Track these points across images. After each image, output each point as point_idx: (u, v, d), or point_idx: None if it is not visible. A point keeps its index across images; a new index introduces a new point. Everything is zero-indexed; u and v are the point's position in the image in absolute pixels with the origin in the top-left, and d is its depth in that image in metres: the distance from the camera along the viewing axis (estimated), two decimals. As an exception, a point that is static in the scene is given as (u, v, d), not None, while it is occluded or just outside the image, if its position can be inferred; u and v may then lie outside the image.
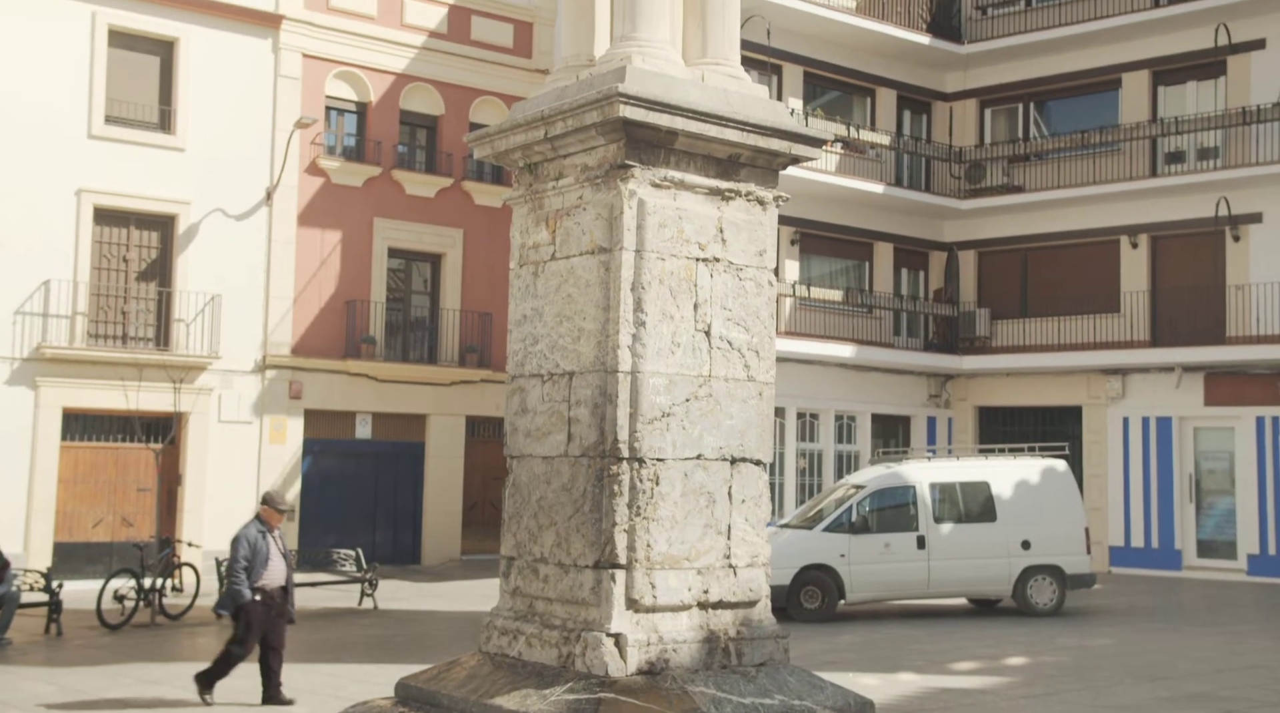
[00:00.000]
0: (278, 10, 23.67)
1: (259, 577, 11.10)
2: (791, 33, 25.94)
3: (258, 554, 11.11)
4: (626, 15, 8.88)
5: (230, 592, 11.14)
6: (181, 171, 22.67)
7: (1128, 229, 26.44)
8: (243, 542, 11.11)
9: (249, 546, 11.10)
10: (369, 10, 24.71)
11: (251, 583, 11.06)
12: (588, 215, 8.54)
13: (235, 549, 11.11)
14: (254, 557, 11.08)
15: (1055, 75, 27.79)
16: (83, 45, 21.93)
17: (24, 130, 21.32)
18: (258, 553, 11.11)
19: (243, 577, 11.01)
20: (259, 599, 11.09)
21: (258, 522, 11.30)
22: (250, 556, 11.07)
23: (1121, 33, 26.48)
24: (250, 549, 11.09)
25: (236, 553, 11.08)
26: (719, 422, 8.53)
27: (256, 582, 11.09)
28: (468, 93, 25.79)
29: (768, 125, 8.84)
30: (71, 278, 21.59)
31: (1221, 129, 25.38)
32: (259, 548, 11.14)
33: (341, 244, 24.37)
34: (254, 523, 11.29)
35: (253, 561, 11.07)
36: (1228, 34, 25.24)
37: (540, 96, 9.22)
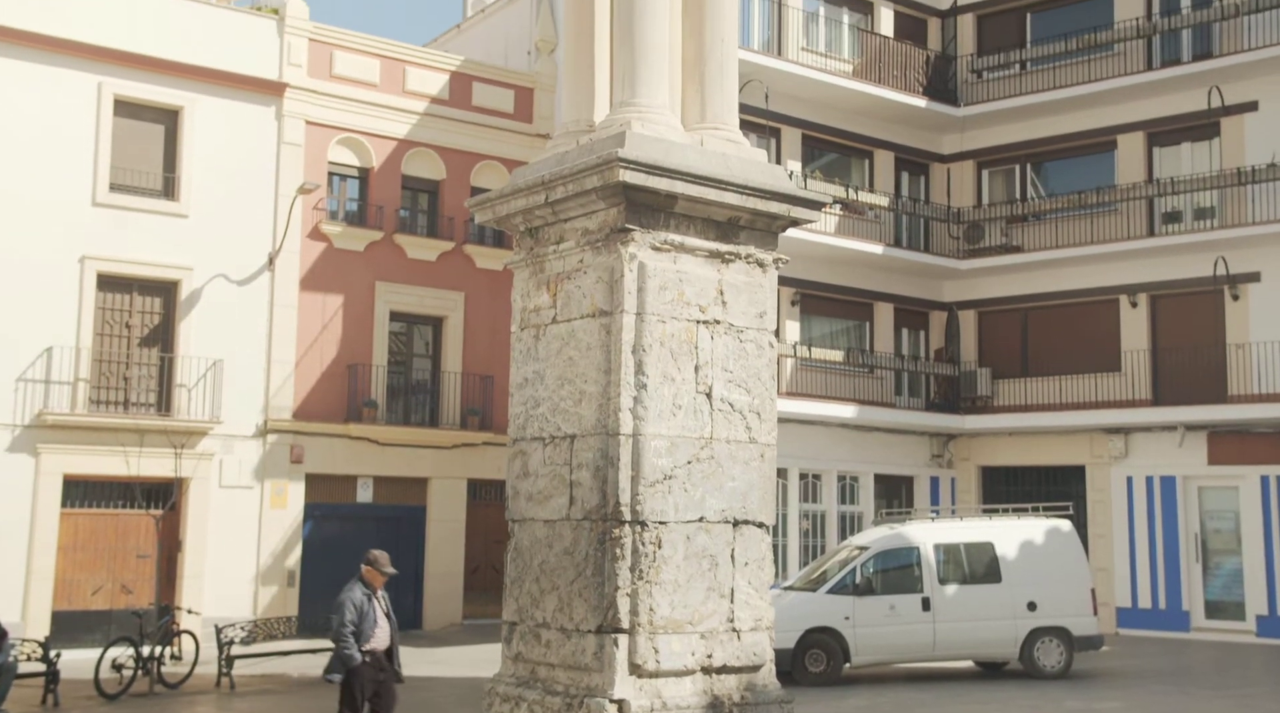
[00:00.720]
0: (281, 78, 23.95)
1: (366, 639, 10.79)
2: (789, 96, 26.21)
3: (364, 617, 10.80)
4: (626, 81, 9.00)
5: (340, 656, 10.77)
6: (184, 238, 22.81)
7: (1127, 288, 26.53)
8: (348, 605, 10.80)
9: (355, 608, 10.78)
10: (371, 78, 25.00)
11: (359, 646, 10.77)
12: (588, 279, 8.58)
13: (341, 613, 10.79)
14: (360, 620, 10.78)
15: (1051, 137, 28.03)
16: (89, 114, 22.16)
17: (29, 198, 21.48)
18: (364, 616, 10.80)
19: (351, 640, 10.68)
20: (368, 662, 10.84)
21: (361, 584, 10.97)
22: (357, 619, 10.77)
23: (1116, 95, 26.76)
24: (357, 612, 10.77)
25: (343, 616, 10.76)
26: (721, 484, 8.51)
27: (364, 644, 10.77)
28: (469, 157, 26.02)
29: (767, 189, 8.92)
30: (74, 344, 21.64)
31: (1217, 189, 25.55)
32: (365, 610, 10.83)
33: (343, 308, 24.44)
34: (357, 585, 10.96)
35: (360, 623, 10.77)
36: (1220, 96, 25.50)
37: (541, 162, 9.31)
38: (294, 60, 24.11)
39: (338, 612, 10.81)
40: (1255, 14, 25.20)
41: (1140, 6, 27.06)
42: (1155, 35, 26.66)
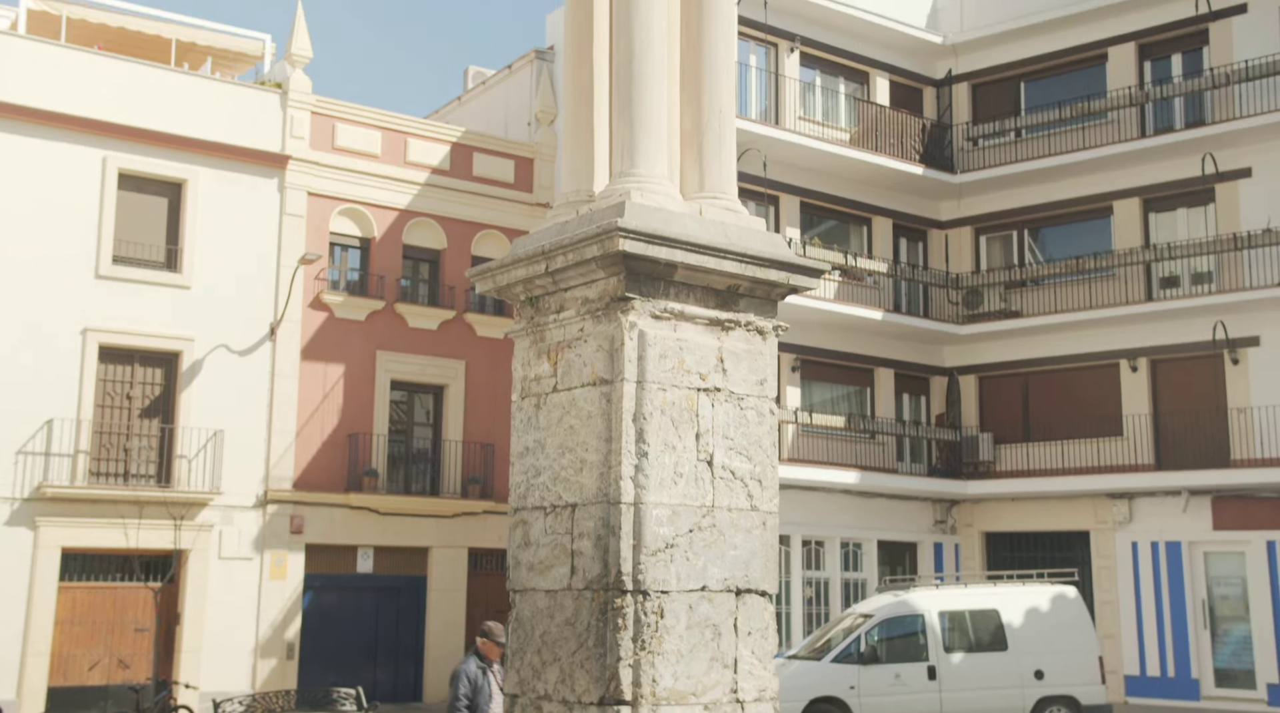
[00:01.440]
0: (284, 151, 24.20)
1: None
2: (787, 164, 26.46)
3: (479, 691, 10.53)
4: (625, 152, 9.08)
5: None
6: (186, 309, 22.91)
7: (1127, 353, 26.56)
8: (462, 678, 10.55)
9: (469, 682, 10.53)
10: (373, 149, 25.25)
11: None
12: (589, 347, 8.60)
13: (455, 686, 10.53)
14: (475, 694, 10.51)
15: (1047, 203, 28.24)
16: (93, 188, 22.36)
17: (33, 270, 21.61)
18: (479, 690, 10.53)
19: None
20: None
21: (476, 657, 10.72)
22: (471, 693, 10.50)
23: (1111, 162, 27.00)
24: (471, 686, 10.51)
25: (457, 690, 10.50)
26: (723, 552, 8.45)
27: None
28: (470, 227, 26.20)
29: (766, 257, 8.96)
30: (75, 416, 21.63)
31: (1214, 254, 25.68)
32: (479, 684, 10.57)
33: (344, 377, 24.47)
34: (472, 658, 10.71)
35: (474, 697, 10.50)
36: (1214, 163, 25.73)
37: (541, 231, 9.37)
38: (297, 133, 24.38)
39: (452, 685, 10.53)
40: (1246, 83, 25.50)
41: (1132, 75, 27.41)
42: (1148, 103, 26.97)
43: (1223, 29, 26.24)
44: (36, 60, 22.17)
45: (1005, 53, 29.12)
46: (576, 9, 10.31)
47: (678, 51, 9.95)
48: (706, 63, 9.64)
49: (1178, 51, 27.22)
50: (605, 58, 10.04)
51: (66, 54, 22.67)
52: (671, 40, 9.89)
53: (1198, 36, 26.72)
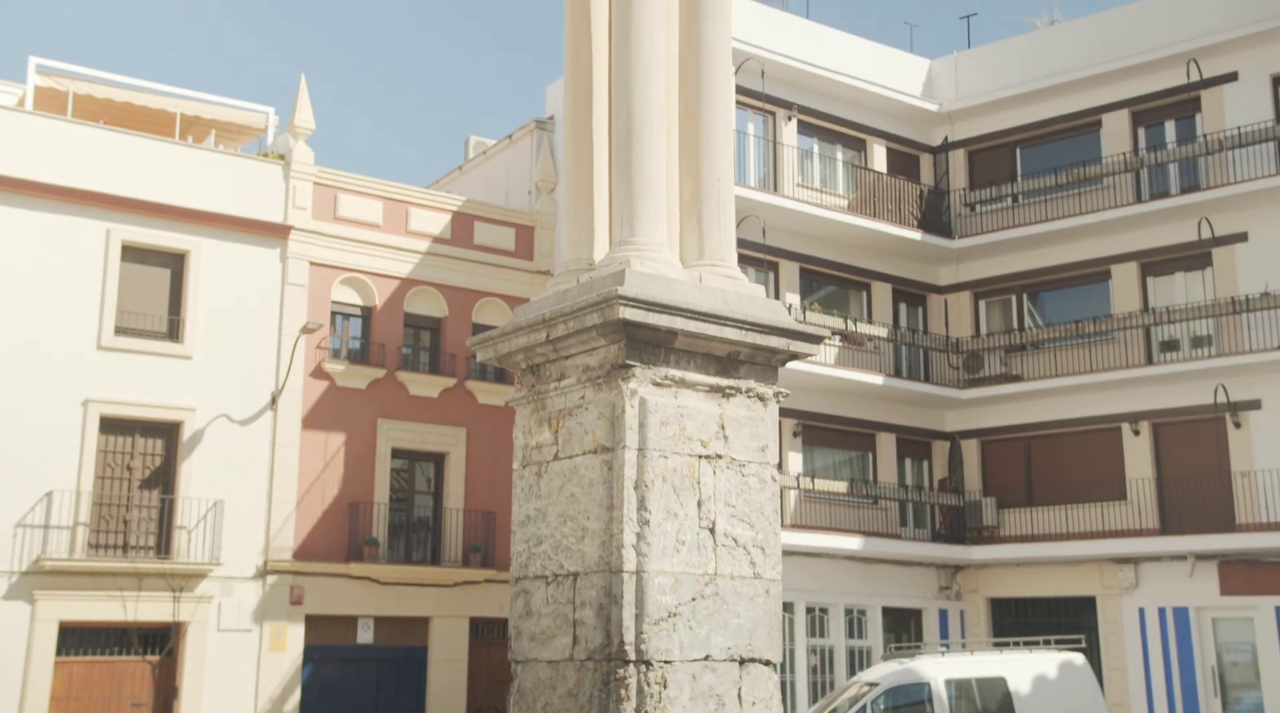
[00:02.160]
0: (286, 221, 24.37)
1: None
2: (786, 231, 26.62)
3: None
4: (625, 220, 9.16)
5: None
6: (188, 379, 22.92)
7: (1128, 417, 26.53)
8: None
9: None
10: (375, 219, 25.42)
11: None
12: (590, 415, 8.60)
13: None
14: None
15: (1046, 268, 28.37)
16: (97, 260, 22.49)
17: (35, 342, 21.66)
18: None
19: None
20: None
21: None
22: None
23: (1107, 227, 27.17)
24: None
25: None
26: (726, 621, 8.39)
27: None
28: (471, 295, 26.29)
29: (765, 323, 9.00)
30: (74, 488, 21.55)
31: (1213, 318, 25.75)
32: None
33: (345, 446, 24.42)
34: None
35: None
36: (1210, 228, 25.89)
37: (542, 300, 9.42)
38: (299, 203, 24.57)
39: None
40: (1239, 149, 25.74)
41: (1127, 142, 27.67)
42: (1143, 169, 27.20)
43: (1214, 96, 26.55)
44: (43, 135, 22.41)
45: (1000, 120, 29.43)
46: (576, 80, 10.46)
47: (676, 121, 10.08)
48: (705, 132, 9.76)
49: (1171, 118, 27.51)
50: (605, 128, 10.16)
51: (72, 128, 22.92)
52: (670, 109, 10.02)
53: (1190, 104, 27.03)
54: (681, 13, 10.36)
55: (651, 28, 9.53)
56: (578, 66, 10.48)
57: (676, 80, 10.22)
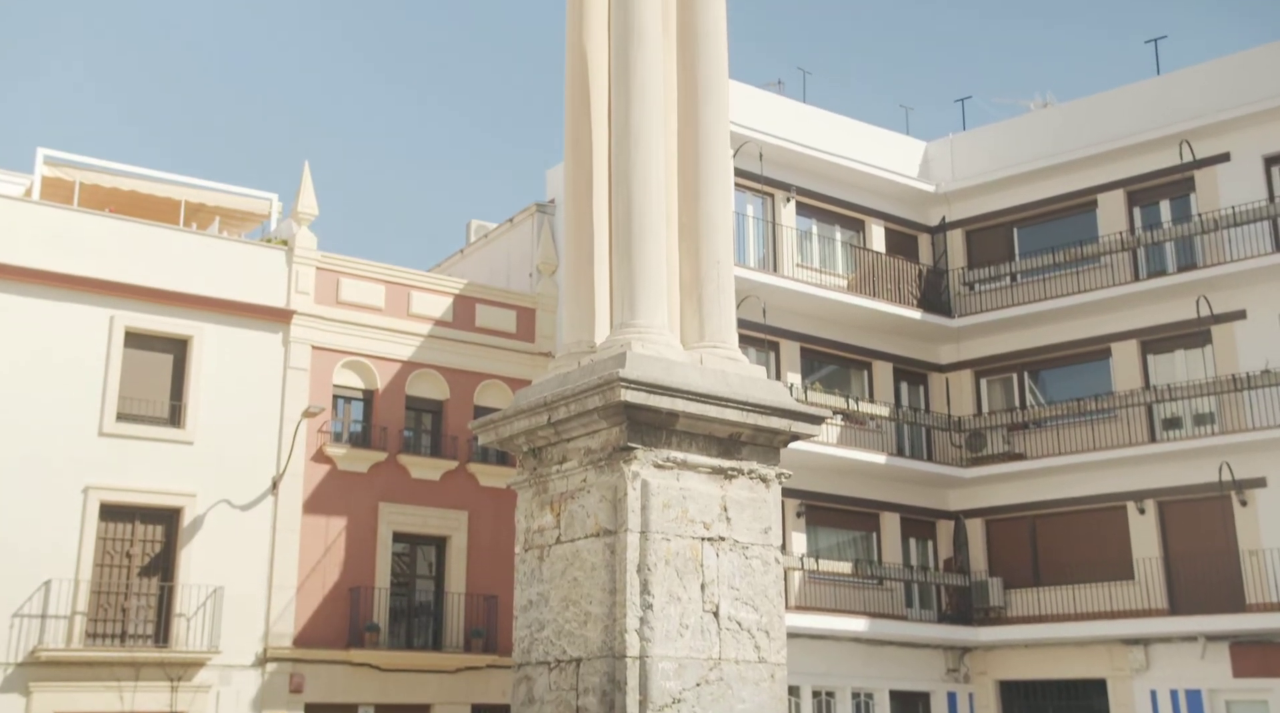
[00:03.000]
0: (289, 306, 24.49)
1: None
2: (787, 311, 26.73)
3: None
4: (625, 302, 9.21)
5: None
6: (189, 465, 22.86)
7: (1133, 495, 26.39)
8: None
9: None
10: (377, 302, 25.55)
11: None
12: (592, 498, 8.57)
13: None
14: None
15: (1046, 346, 28.42)
16: (99, 346, 22.56)
17: (36, 430, 21.64)
18: None
19: None
20: None
21: None
22: None
23: (1106, 305, 27.27)
24: None
25: None
26: (731, 706, 8.27)
27: None
28: (472, 377, 26.32)
29: (767, 405, 9.00)
30: (73, 577, 21.38)
31: (1215, 396, 25.74)
32: None
33: (346, 530, 24.28)
34: None
35: None
36: (1209, 306, 25.99)
37: (543, 382, 9.44)
38: (302, 288, 24.71)
39: None
40: (1234, 227, 25.94)
41: (1123, 221, 27.89)
42: (1139, 248, 27.39)
43: (1208, 176, 26.83)
44: (48, 224, 22.62)
45: (996, 200, 29.71)
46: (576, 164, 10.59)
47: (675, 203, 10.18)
48: (704, 215, 9.85)
49: (1165, 198, 27.77)
50: (605, 211, 10.26)
51: (77, 217, 23.14)
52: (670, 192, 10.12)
53: (1184, 184, 27.30)
54: (680, 98, 10.52)
55: (651, 113, 9.67)
56: (578, 151, 10.62)
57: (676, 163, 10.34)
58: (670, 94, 10.54)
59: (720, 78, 10.45)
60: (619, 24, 10.11)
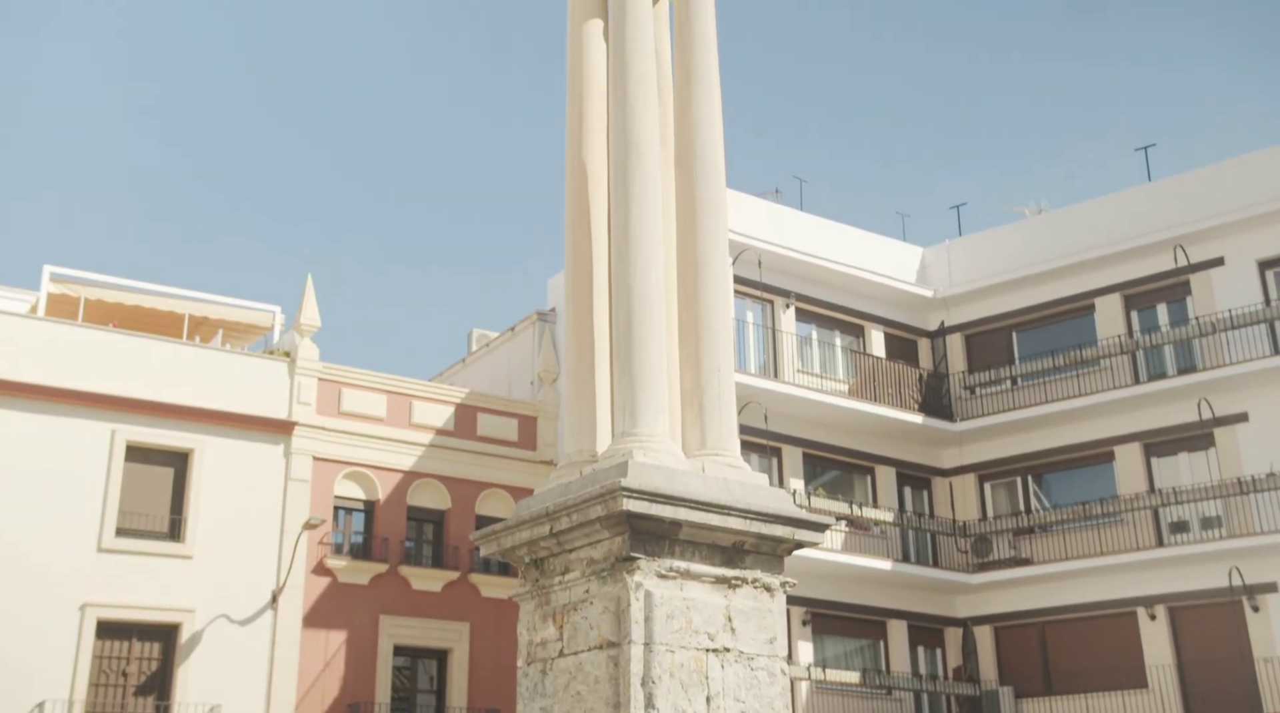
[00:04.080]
0: (291, 417, 24.50)
1: None
2: (788, 416, 26.72)
3: None
4: (626, 411, 9.22)
5: None
6: (188, 580, 22.64)
7: (1143, 600, 26.05)
8: None
9: None
10: (379, 412, 25.56)
11: None
12: (595, 609, 8.47)
13: None
14: None
15: (1049, 449, 28.33)
16: (100, 461, 22.51)
17: (34, 546, 21.47)
18: None
19: None
20: None
21: None
22: None
23: (1108, 408, 27.26)
24: None
25: None
26: (740, 825, 8.07)
27: None
28: (474, 486, 26.20)
29: (770, 512, 8.95)
30: (68, 697, 21.02)
31: (1221, 499, 25.59)
32: None
33: (346, 644, 23.93)
34: None
35: None
36: (1210, 409, 25.98)
37: (545, 492, 9.40)
38: (303, 399, 24.75)
39: None
40: (1232, 331, 26.06)
41: (1120, 324, 28.04)
42: (1138, 351, 27.50)
43: (1203, 280, 27.05)
44: (52, 340, 22.76)
45: (995, 305, 29.91)
46: (577, 273, 10.69)
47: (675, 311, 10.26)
48: (704, 323, 9.92)
49: (1162, 301, 27.97)
50: (605, 319, 10.33)
51: (81, 333, 23.29)
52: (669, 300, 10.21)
53: (1180, 288, 27.51)
54: (679, 208, 10.67)
55: (650, 223, 9.80)
56: (578, 260, 10.73)
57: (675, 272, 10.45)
58: (669, 204, 10.69)
59: (718, 188, 10.61)
60: (618, 136, 10.31)
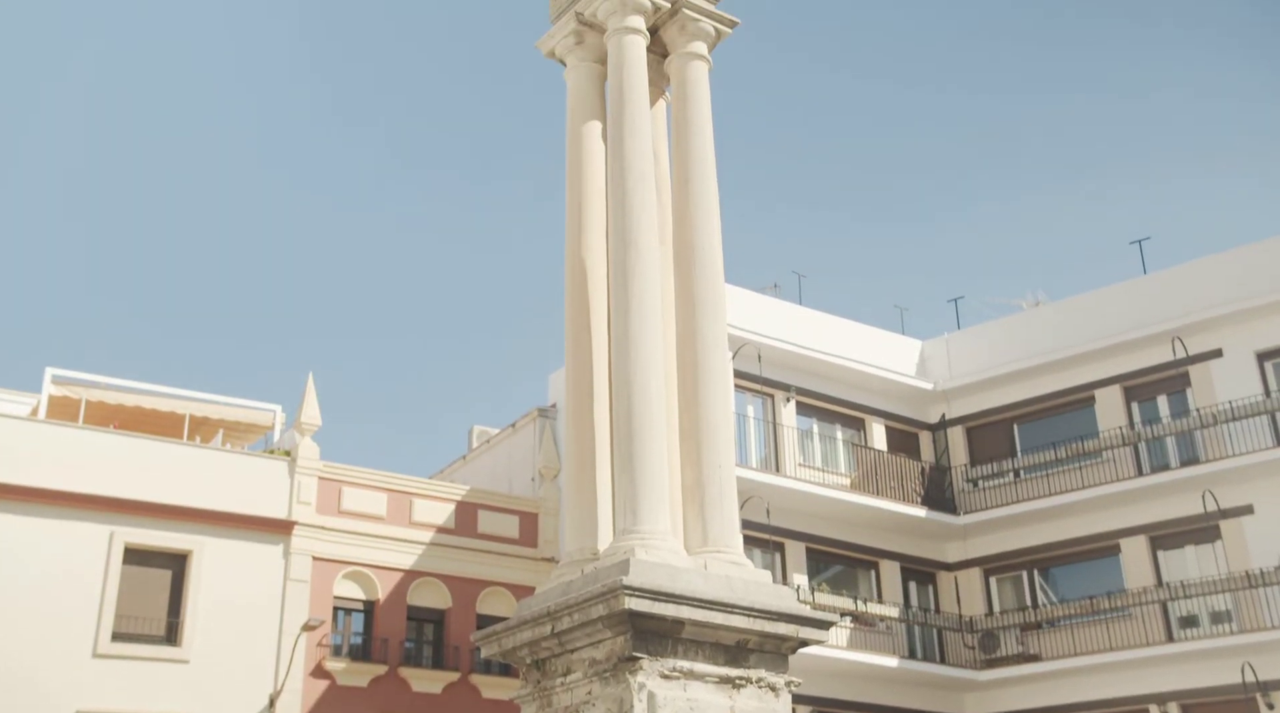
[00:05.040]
0: (290, 517, 24.35)
1: None
2: (790, 511, 26.56)
3: None
4: (628, 508, 9.19)
5: None
6: (185, 683, 22.27)
7: (1155, 697, 25.61)
8: None
9: None
10: (379, 511, 25.41)
11: None
12: (597, 711, 8.35)
13: None
14: None
15: (1054, 543, 28.11)
16: (98, 564, 22.29)
17: (28, 651, 21.16)
18: None
19: None
20: None
21: None
22: None
23: (1112, 500, 27.10)
24: None
25: None
26: None
27: None
28: (475, 584, 25.93)
29: (774, 610, 8.87)
30: (59, 803, 20.58)
31: (1230, 593, 25.33)
32: None
33: (344, 749, 23.47)
34: None
35: None
36: (1215, 501, 25.83)
37: (546, 591, 9.32)
38: (303, 498, 24.63)
39: None
40: (1233, 422, 26.04)
41: (1121, 416, 28.01)
42: (1140, 442, 27.44)
43: (1202, 371, 27.10)
44: (52, 443, 22.68)
45: (995, 397, 29.92)
46: (577, 370, 10.74)
47: (676, 406, 10.28)
48: (705, 419, 9.94)
49: (1162, 393, 27.98)
50: (606, 415, 10.35)
51: (81, 435, 23.23)
52: (670, 396, 10.23)
53: (1179, 379, 27.54)
54: (678, 305, 10.76)
55: (649, 322, 9.88)
56: (578, 357, 10.79)
57: (675, 368, 10.49)
58: (668, 301, 10.78)
59: (716, 285, 10.71)
60: (617, 236, 10.44)
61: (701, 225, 11.10)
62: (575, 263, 11.47)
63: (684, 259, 10.90)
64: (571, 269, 11.47)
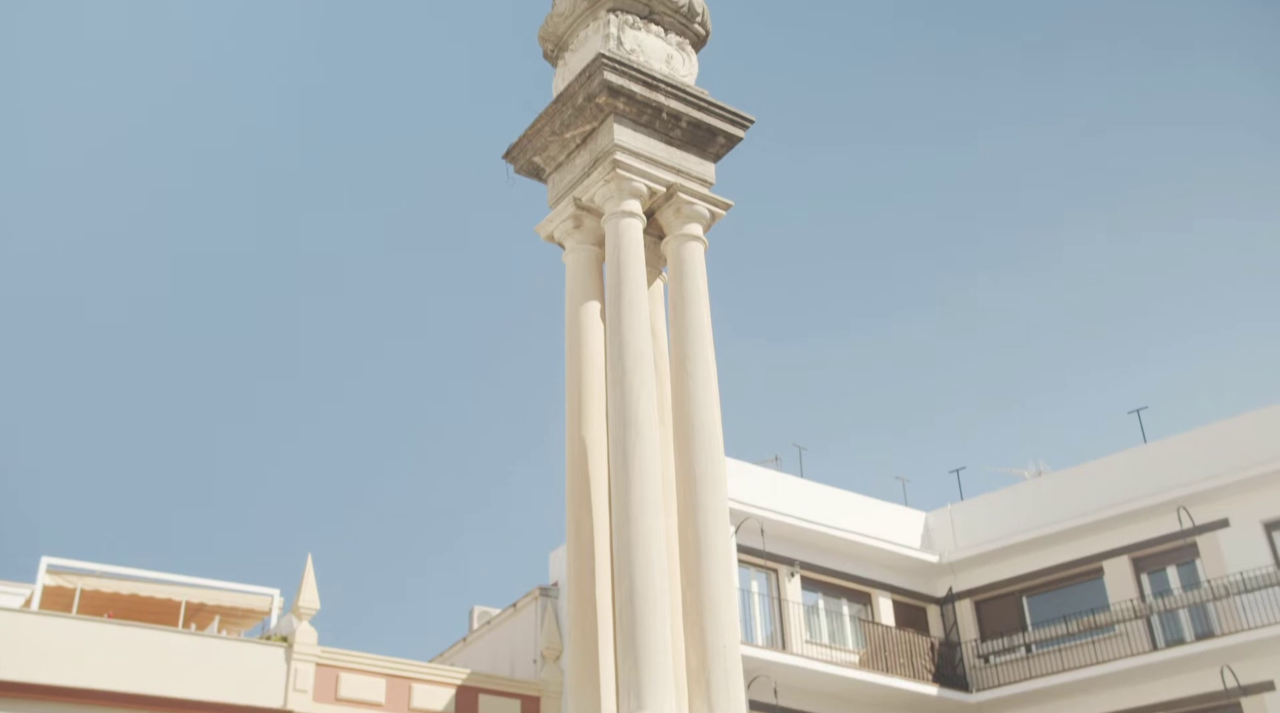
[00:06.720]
0: (286, 705, 23.71)
1: None
2: (798, 689, 25.91)
3: None
4: (632, 692, 8.99)
5: None
6: None
7: None
8: None
9: None
10: (377, 697, 24.75)
11: None
12: None
13: None
14: None
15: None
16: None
17: None
18: None
19: None
20: None
21: None
22: None
23: (1125, 677, 26.37)
24: None
25: None
26: None
27: None
28: (475, 776, 25.13)
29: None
30: None
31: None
32: None
33: None
34: None
35: None
36: (1235, 677, 25.20)
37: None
38: (300, 686, 24.02)
39: None
40: (1246, 594, 25.63)
41: (1131, 587, 27.61)
42: (1153, 615, 26.97)
43: (1210, 541, 26.83)
44: (44, 636, 22.19)
45: (1002, 569, 29.52)
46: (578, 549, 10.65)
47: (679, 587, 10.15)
48: (708, 599, 9.81)
49: (1172, 564, 27.64)
50: (608, 594, 10.23)
51: (72, 626, 22.69)
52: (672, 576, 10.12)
53: (1188, 549, 27.24)
54: (679, 483, 10.75)
55: (651, 500, 9.85)
56: (579, 536, 10.72)
57: (677, 547, 10.41)
58: (669, 477, 10.77)
59: (716, 460, 10.72)
60: (617, 415, 10.50)
61: (701, 401, 11.19)
62: (575, 440, 11.52)
63: (684, 435, 10.95)
64: (571, 446, 11.51)
